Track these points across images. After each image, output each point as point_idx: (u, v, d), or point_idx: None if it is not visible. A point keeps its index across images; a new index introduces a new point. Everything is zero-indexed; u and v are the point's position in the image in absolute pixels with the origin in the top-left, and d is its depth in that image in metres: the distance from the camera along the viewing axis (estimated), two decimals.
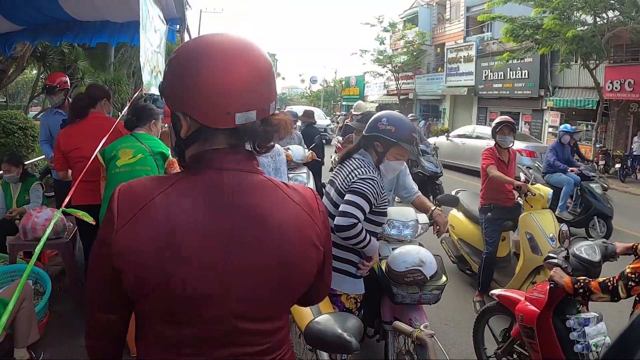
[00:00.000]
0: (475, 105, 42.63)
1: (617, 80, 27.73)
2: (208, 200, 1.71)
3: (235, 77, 1.68)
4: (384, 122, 4.23)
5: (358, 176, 4.09)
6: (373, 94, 62.38)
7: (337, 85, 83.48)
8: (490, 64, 37.58)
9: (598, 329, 4.04)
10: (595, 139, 28.18)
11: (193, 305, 1.70)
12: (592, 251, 4.10)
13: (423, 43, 49.68)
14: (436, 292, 4.54)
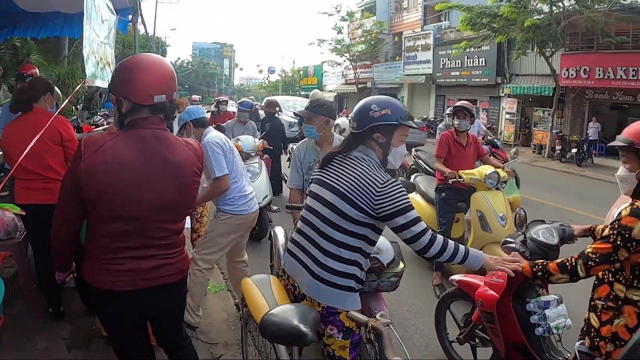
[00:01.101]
0: (433, 93, 42.88)
1: (572, 68, 28.15)
2: (136, 144, 3.04)
3: (155, 76, 3.08)
4: (375, 109, 3.45)
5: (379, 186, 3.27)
6: (331, 83, 62.24)
7: (295, 75, 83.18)
8: (448, 52, 37.70)
9: (558, 311, 4.03)
10: (552, 125, 28.54)
11: (126, 207, 2.99)
12: (549, 234, 4.04)
13: (381, 32, 49.75)
14: (394, 280, 4.49)
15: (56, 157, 5.37)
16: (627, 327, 3.13)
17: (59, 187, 3.14)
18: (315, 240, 3.44)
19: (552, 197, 15.36)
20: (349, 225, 3.33)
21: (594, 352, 3.25)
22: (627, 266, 3.14)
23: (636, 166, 3.20)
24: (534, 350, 4.08)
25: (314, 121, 5.40)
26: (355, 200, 3.28)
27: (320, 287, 3.34)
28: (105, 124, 13.10)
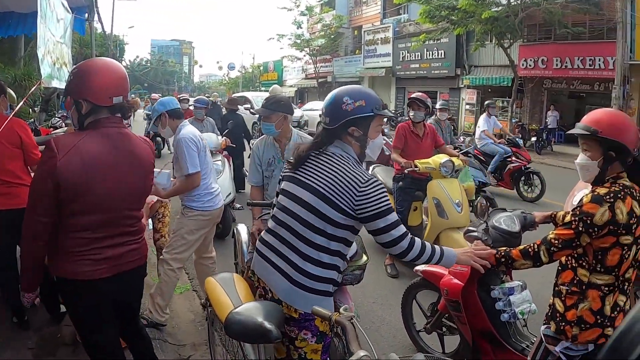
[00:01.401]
0: (394, 86, 43.06)
1: (530, 58, 28.88)
2: (106, 142, 3.28)
3: (112, 79, 3.30)
4: (348, 102, 3.21)
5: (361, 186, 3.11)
6: (291, 78, 62.02)
7: (255, 71, 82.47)
8: (408, 45, 37.96)
9: (523, 297, 4.09)
10: (511, 115, 29.01)
11: (102, 200, 3.25)
12: (511, 222, 4.05)
13: (340, 26, 49.69)
14: (358, 272, 4.43)
15: (16, 161, 5.24)
16: (591, 310, 3.18)
17: (29, 190, 3.30)
18: (292, 244, 3.26)
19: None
20: (329, 228, 3.17)
21: (560, 336, 3.29)
22: (590, 251, 3.18)
23: (597, 154, 3.23)
24: (500, 336, 4.13)
25: (272, 119, 5.35)
26: (336, 201, 3.11)
27: (299, 294, 3.20)
28: (63, 126, 12.81)
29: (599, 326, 3.18)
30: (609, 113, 3.33)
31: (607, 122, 3.20)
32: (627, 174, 3.26)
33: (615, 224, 3.05)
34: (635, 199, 3.14)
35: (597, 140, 3.22)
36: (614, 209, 3.06)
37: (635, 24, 23.49)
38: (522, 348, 4.07)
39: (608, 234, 3.09)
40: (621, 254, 3.13)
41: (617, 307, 3.22)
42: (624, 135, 3.17)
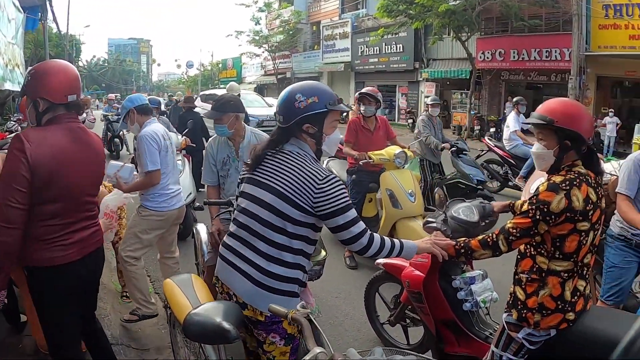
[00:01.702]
0: (353, 81, 43.15)
1: (488, 51, 29.41)
2: (69, 135, 3.52)
3: (66, 78, 3.53)
4: (301, 99, 3.17)
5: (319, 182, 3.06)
6: (250, 75, 61.94)
7: (214, 69, 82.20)
8: (366, 39, 38.26)
9: (484, 286, 4.13)
10: (470, 107, 29.42)
11: (70, 188, 3.48)
12: (469, 212, 4.07)
13: (299, 22, 49.75)
14: (317, 268, 4.50)
15: None
16: (552, 296, 3.20)
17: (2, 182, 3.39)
18: (254, 245, 3.21)
19: None
20: (290, 227, 3.13)
21: (522, 323, 3.31)
22: (548, 239, 3.21)
23: (553, 143, 3.26)
24: (463, 325, 4.15)
25: (223, 120, 5.31)
26: (294, 199, 3.08)
27: (264, 295, 3.13)
28: (19, 129, 12.57)
29: (560, 311, 3.21)
30: (564, 102, 3.35)
31: (562, 112, 3.23)
32: (582, 162, 3.30)
33: (571, 211, 3.08)
34: (591, 186, 3.18)
35: (552, 129, 3.24)
36: (570, 196, 3.08)
37: (591, 16, 24.04)
38: (485, 336, 4.09)
39: (565, 221, 3.11)
40: (579, 240, 3.16)
41: (577, 292, 3.25)
42: (579, 124, 3.20)
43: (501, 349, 3.50)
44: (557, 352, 3.32)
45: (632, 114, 26.30)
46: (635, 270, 5.09)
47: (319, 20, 48.61)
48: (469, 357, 4.13)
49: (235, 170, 5.45)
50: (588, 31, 24.37)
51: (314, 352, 2.17)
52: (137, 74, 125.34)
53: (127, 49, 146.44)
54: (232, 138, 5.48)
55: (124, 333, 5.61)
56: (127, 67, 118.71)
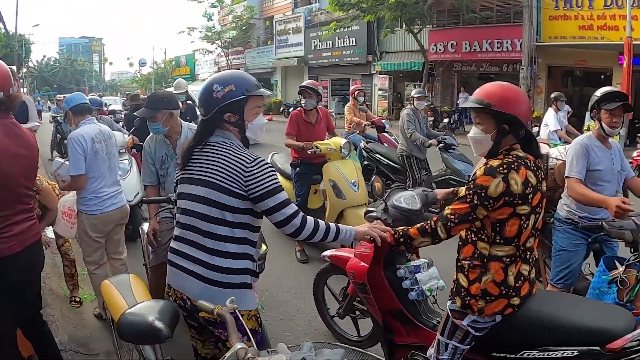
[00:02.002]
0: (306, 75, 43.03)
1: (440, 43, 29.92)
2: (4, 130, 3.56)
3: None
4: (218, 89, 3.16)
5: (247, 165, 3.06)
6: (204, 71, 61.50)
7: (167, 66, 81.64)
8: (319, 33, 38.22)
9: (430, 274, 4.12)
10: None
11: (9, 181, 3.56)
12: (412, 200, 4.05)
13: (252, 17, 49.64)
14: (259, 262, 4.19)
15: None
16: (495, 282, 3.18)
17: None
18: (198, 242, 3.16)
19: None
20: (229, 216, 3.10)
21: (466, 310, 3.28)
22: (488, 224, 3.19)
23: (491, 127, 3.23)
24: (410, 314, 4.10)
25: (158, 118, 5.19)
26: (227, 186, 3.07)
27: (215, 291, 3.05)
28: None
29: (505, 297, 3.19)
30: (501, 86, 3.32)
31: (499, 95, 3.20)
32: (521, 146, 3.28)
33: (510, 195, 3.06)
34: (530, 169, 3.16)
35: (490, 113, 3.21)
36: (508, 180, 3.06)
37: (541, 7, 24.72)
38: (433, 324, 4.05)
39: (504, 205, 3.09)
40: (519, 224, 3.14)
41: (522, 276, 3.24)
42: (517, 108, 3.19)
43: (447, 337, 3.46)
44: (503, 338, 3.32)
45: (582, 103, 26.78)
46: (584, 253, 5.16)
47: (272, 15, 48.48)
48: (418, 346, 4.08)
49: (174, 168, 5.31)
50: (539, 22, 25.13)
51: (235, 348, 2.14)
52: (89, 74, 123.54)
53: (78, 48, 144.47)
54: (169, 135, 5.37)
55: (72, 339, 5.45)
56: (78, 67, 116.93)
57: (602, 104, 4.82)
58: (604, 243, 5.10)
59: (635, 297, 4.09)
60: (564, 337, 3.08)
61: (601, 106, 4.83)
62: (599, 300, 4.17)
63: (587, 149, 4.86)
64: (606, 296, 4.27)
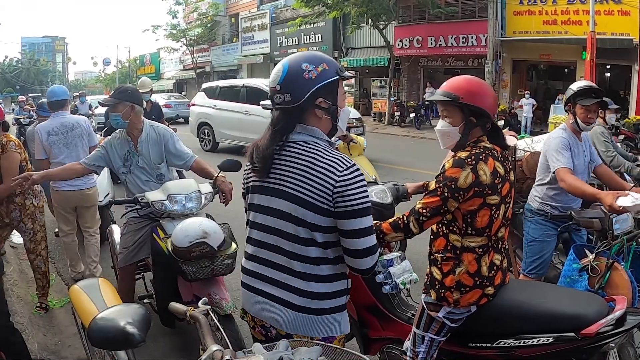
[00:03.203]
0: None
1: (406, 38, 30.22)
2: None
3: None
4: (309, 69, 2.60)
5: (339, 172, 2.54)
6: (169, 70, 61.23)
7: (132, 65, 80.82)
8: (285, 30, 38.31)
9: (403, 268, 4.06)
10: (390, 93, 30.12)
11: None
12: (383, 194, 4.09)
13: (217, 14, 49.45)
14: (228, 262, 4.40)
15: None
16: (468, 273, 3.20)
17: None
18: (284, 265, 2.69)
19: (397, 160, 15.91)
20: (319, 237, 2.60)
21: (441, 302, 3.30)
22: (459, 216, 3.20)
23: (458, 120, 3.25)
24: (384, 308, 4.10)
25: (118, 108, 5.12)
26: (314, 202, 2.55)
27: (311, 320, 2.67)
28: None
29: (479, 287, 3.21)
30: (468, 80, 3.33)
31: (466, 89, 3.22)
32: (487, 137, 3.30)
33: (479, 185, 3.07)
34: (498, 160, 3.18)
35: (457, 106, 3.23)
36: (476, 170, 3.07)
37: (506, 3, 25.03)
38: (408, 317, 4.04)
39: (474, 196, 3.10)
40: (490, 215, 3.16)
41: (494, 266, 3.26)
42: (484, 101, 3.20)
43: (423, 330, 3.47)
44: (479, 327, 3.34)
45: (547, 95, 27.50)
46: (555, 243, 5.25)
47: (238, 12, 48.32)
48: (393, 339, 4.08)
49: (136, 166, 5.29)
50: (503, 17, 25.68)
51: (210, 350, 2.05)
52: (52, 74, 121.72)
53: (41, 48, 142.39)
54: (130, 132, 5.30)
55: (42, 347, 5.33)
56: (42, 67, 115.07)
57: (578, 99, 4.84)
58: (573, 232, 5.22)
59: (606, 284, 4.17)
60: (539, 325, 3.12)
61: (577, 101, 4.85)
62: (571, 288, 4.23)
63: (568, 144, 4.88)
64: (577, 284, 4.35)
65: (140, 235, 5.19)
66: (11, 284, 6.71)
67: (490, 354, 3.33)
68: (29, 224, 5.93)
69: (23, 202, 5.81)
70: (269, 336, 2.81)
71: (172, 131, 5.51)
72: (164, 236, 4.67)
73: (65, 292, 6.90)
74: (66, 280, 7.30)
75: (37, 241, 6.03)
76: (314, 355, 1.96)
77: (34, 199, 5.92)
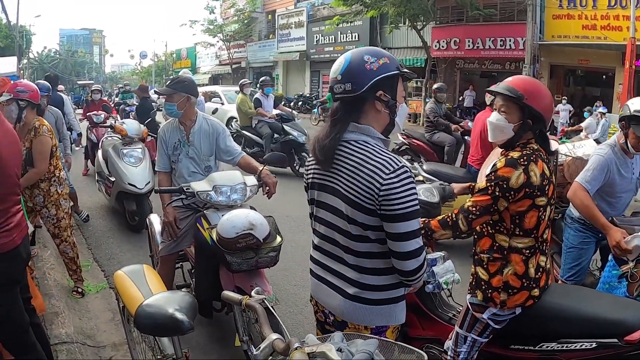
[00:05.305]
0: (308, 70, 43.24)
1: (443, 40, 29.82)
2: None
3: None
4: (371, 60, 2.64)
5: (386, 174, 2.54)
6: (205, 65, 61.58)
7: (168, 59, 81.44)
8: (321, 28, 38.31)
9: (446, 267, 4.05)
10: (426, 95, 29.64)
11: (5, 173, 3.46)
12: (430, 193, 4.09)
13: (254, 11, 49.61)
14: (272, 254, 4.46)
15: None
16: (516, 274, 3.19)
17: None
18: (342, 258, 2.78)
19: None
20: (372, 234, 2.65)
21: (488, 303, 3.29)
22: (507, 217, 3.20)
23: (516, 118, 3.23)
24: (426, 307, 4.12)
25: (174, 98, 5.23)
26: (362, 203, 2.59)
27: (365, 309, 2.73)
28: None
29: (526, 289, 3.20)
30: (535, 82, 3.35)
31: (532, 91, 3.20)
32: (535, 140, 3.29)
33: (530, 187, 3.07)
34: (544, 161, 3.18)
35: (518, 105, 3.21)
36: (528, 171, 3.07)
37: (545, 6, 24.59)
38: (448, 318, 4.07)
39: (524, 197, 3.11)
40: (538, 216, 3.16)
41: (540, 268, 3.26)
42: (545, 107, 3.21)
43: (466, 330, 3.48)
44: (522, 330, 3.34)
45: (584, 102, 26.89)
46: (594, 250, 5.21)
47: (274, 9, 48.37)
48: (432, 339, 4.10)
49: (185, 155, 5.38)
50: (542, 21, 25.10)
51: (270, 338, 2.06)
52: (89, 66, 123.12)
53: (79, 40, 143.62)
54: (183, 122, 5.39)
55: (78, 330, 5.39)
56: (79, 59, 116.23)
57: (633, 122, 4.56)
58: None
59: None
60: (582, 329, 3.11)
61: (631, 123, 4.58)
62: (613, 294, 4.19)
63: (608, 166, 4.72)
64: (616, 290, 4.32)
65: (184, 225, 5.27)
66: (48, 268, 6.84)
67: (532, 357, 3.33)
68: (53, 211, 5.99)
69: (48, 189, 5.88)
70: (327, 321, 2.95)
71: (224, 127, 5.58)
72: (208, 226, 4.73)
73: (101, 278, 7.05)
74: (102, 266, 7.43)
75: (61, 227, 6.09)
76: (372, 348, 2.00)
77: (59, 187, 5.97)
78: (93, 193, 11.22)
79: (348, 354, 1.99)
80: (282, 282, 6.83)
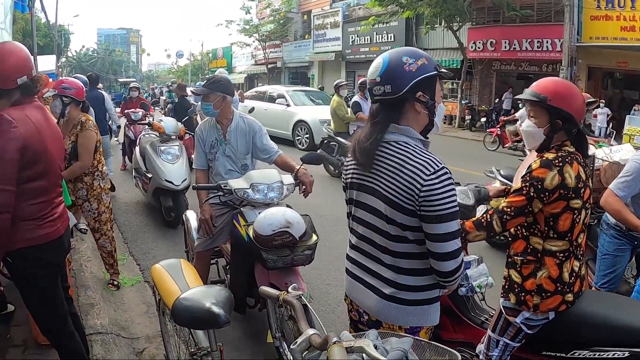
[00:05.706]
0: (343, 70, 42.98)
1: (479, 41, 29.50)
2: (40, 113, 3.56)
3: (13, 61, 3.42)
4: (409, 61, 2.64)
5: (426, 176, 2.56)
6: (241, 64, 61.78)
7: (204, 58, 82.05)
8: (357, 28, 38.12)
9: (479, 271, 4.07)
10: (461, 96, 29.61)
11: (49, 165, 3.53)
12: (465, 196, 4.03)
13: (289, 11, 49.58)
14: (308, 252, 4.50)
15: None
16: (550, 278, 3.17)
17: None
18: (379, 258, 2.81)
19: (465, 165, 15.61)
20: (411, 235, 2.68)
21: (521, 307, 3.27)
22: (541, 218, 3.19)
23: (544, 121, 3.23)
24: (458, 310, 4.12)
25: (210, 98, 5.30)
26: (402, 203, 2.60)
27: (400, 309, 2.76)
28: None
29: (560, 293, 3.18)
30: (559, 82, 3.33)
31: (555, 91, 3.21)
32: (571, 143, 3.28)
33: (565, 188, 3.07)
34: (580, 164, 3.16)
35: (545, 107, 3.22)
36: (563, 173, 3.07)
37: (583, 7, 24.25)
38: (481, 321, 4.07)
39: (559, 199, 3.10)
40: (572, 219, 3.14)
41: (574, 272, 3.24)
42: (571, 105, 3.18)
43: (498, 334, 3.47)
44: (555, 336, 3.31)
45: (622, 105, 26.53)
46: (629, 258, 5.16)
47: (310, 10, 48.38)
48: (464, 342, 4.08)
49: (222, 153, 5.45)
50: (580, 22, 24.65)
51: (307, 333, 2.09)
52: (126, 64, 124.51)
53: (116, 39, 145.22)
54: (220, 121, 5.45)
55: (113, 322, 5.49)
56: (116, 58, 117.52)
57: None
58: None
59: None
60: (616, 338, 3.07)
61: None
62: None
63: None
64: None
65: (220, 222, 5.32)
66: (85, 260, 6.98)
67: None
68: (94, 204, 6.10)
69: (91, 182, 5.99)
70: (361, 321, 2.98)
71: (261, 125, 5.62)
72: (244, 224, 4.78)
73: (136, 272, 7.17)
74: (138, 260, 7.57)
75: (102, 221, 6.19)
76: (406, 346, 2.01)
77: (101, 181, 6.09)
78: (130, 189, 11.47)
79: (383, 351, 2.00)
80: (315, 281, 6.85)
